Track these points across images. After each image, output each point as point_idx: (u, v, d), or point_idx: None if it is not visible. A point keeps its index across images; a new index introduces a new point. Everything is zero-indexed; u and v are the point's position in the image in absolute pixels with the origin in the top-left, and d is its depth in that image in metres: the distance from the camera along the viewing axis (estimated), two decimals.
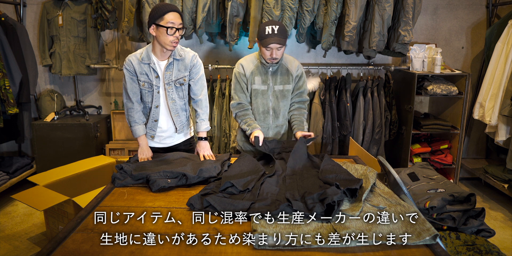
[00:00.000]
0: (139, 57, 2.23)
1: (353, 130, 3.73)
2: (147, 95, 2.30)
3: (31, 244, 2.85)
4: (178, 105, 2.34)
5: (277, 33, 2.26)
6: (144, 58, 2.22)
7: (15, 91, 3.39)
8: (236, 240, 1.36)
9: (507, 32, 3.43)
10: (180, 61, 2.26)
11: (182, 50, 2.28)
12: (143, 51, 2.24)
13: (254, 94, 2.48)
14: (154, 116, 2.33)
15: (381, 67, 3.83)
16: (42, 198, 2.51)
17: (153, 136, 2.39)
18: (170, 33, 2.09)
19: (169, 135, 2.42)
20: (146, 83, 2.26)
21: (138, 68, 2.23)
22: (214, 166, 1.99)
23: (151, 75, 2.24)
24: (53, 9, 3.69)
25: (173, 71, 2.26)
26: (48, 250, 1.28)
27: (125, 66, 2.24)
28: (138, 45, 3.95)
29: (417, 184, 2.42)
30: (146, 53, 2.23)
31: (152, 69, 2.23)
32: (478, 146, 4.30)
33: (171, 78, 2.26)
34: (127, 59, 2.24)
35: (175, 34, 2.10)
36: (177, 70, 2.27)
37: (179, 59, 2.25)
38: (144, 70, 2.23)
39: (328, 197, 1.51)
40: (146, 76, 2.24)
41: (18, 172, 3.68)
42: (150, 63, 2.22)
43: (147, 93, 2.29)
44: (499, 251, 1.98)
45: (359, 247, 1.30)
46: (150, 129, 2.37)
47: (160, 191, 1.82)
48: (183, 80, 2.30)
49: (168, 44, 2.13)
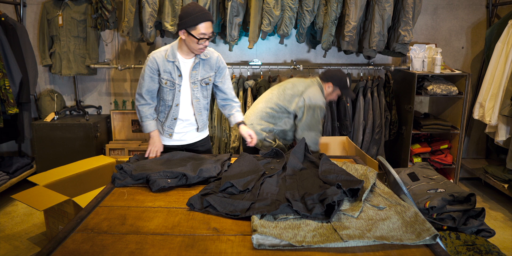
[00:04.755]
0: (164, 55, 2.21)
1: (353, 130, 3.73)
2: (168, 93, 2.28)
3: (31, 244, 2.85)
4: (202, 104, 2.35)
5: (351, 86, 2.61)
6: (169, 55, 2.21)
7: (15, 91, 3.40)
8: (236, 240, 1.36)
9: (507, 32, 3.43)
10: (206, 61, 2.28)
11: (206, 50, 2.28)
12: (169, 49, 2.22)
13: None
14: (174, 114, 2.33)
15: (381, 67, 3.83)
16: (42, 198, 2.51)
17: (171, 134, 2.38)
18: (201, 43, 2.11)
19: (188, 132, 2.42)
20: (168, 82, 2.24)
21: (162, 65, 2.22)
22: (214, 166, 1.99)
23: (174, 74, 2.23)
24: (53, 9, 3.69)
25: (199, 70, 2.27)
26: (48, 250, 1.28)
27: (148, 63, 2.22)
28: (138, 45, 3.96)
29: (417, 184, 2.42)
30: (172, 51, 2.21)
31: (176, 67, 2.22)
32: (478, 146, 4.30)
33: (197, 78, 2.27)
34: (151, 57, 2.22)
35: (205, 43, 2.12)
36: (203, 70, 2.28)
37: (205, 59, 2.26)
38: (168, 68, 2.22)
39: (328, 198, 1.51)
40: (169, 75, 2.23)
41: (18, 172, 3.68)
42: (175, 62, 2.22)
43: (169, 91, 2.27)
44: (499, 251, 1.98)
45: (359, 247, 1.30)
46: (168, 128, 2.36)
47: (160, 191, 1.82)
48: (209, 80, 2.32)
49: (196, 50, 2.16)
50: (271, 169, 1.97)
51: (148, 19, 3.31)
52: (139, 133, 4.08)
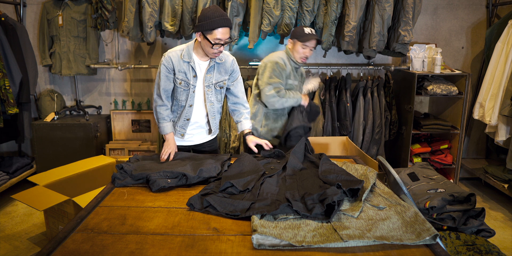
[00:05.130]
0: (180, 55, 2.20)
1: (353, 130, 3.73)
2: (182, 94, 2.26)
3: (31, 244, 2.85)
4: (215, 108, 2.35)
5: (315, 34, 2.60)
6: (185, 55, 2.19)
7: (15, 91, 3.40)
8: (236, 240, 1.36)
9: (507, 32, 3.43)
10: (221, 65, 2.26)
11: (222, 53, 2.26)
12: (184, 49, 2.21)
13: (288, 88, 2.67)
14: (187, 115, 2.31)
15: (381, 67, 3.83)
16: (42, 198, 2.51)
17: (183, 134, 2.37)
18: (215, 47, 2.10)
19: (198, 133, 2.41)
20: (183, 82, 2.23)
21: (177, 65, 2.20)
22: (214, 166, 1.99)
23: (189, 74, 2.22)
24: (53, 9, 3.69)
25: (214, 74, 2.26)
26: (48, 250, 1.28)
27: (164, 62, 2.20)
28: (138, 45, 3.96)
29: (417, 184, 2.42)
30: (187, 51, 2.20)
31: (191, 67, 2.21)
32: (478, 146, 4.30)
33: (211, 81, 2.26)
34: (166, 55, 2.21)
35: (219, 48, 2.11)
36: (218, 73, 2.27)
37: (220, 63, 2.25)
38: (183, 68, 2.21)
39: (328, 198, 1.51)
40: (184, 75, 2.22)
41: (18, 172, 3.68)
42: (190, 62, 2.20)
43: (183, 91, 2.26)
44: (499, 251, 1.98)
45: (359, 247, 1.30)
46: (181, 128, 2.35)
47: (160, 191, 1.82)
48: (223, 84, 2.31)
49: (211, 54, 2.15)
50: (271, 169, 1.97)
51: (148, 19, 3.31)
52: (139, 133, 4.08)
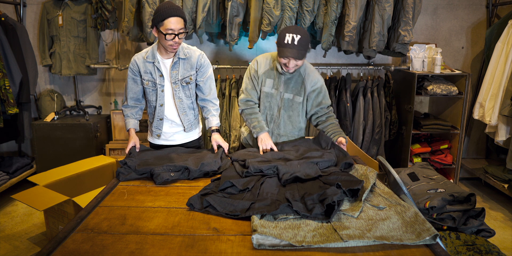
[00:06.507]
0: (144, 56, 2.24)
1: (353, 130, 3.73)
2: (151, 94, 2.30)
3: (31, 244, 2.85)
4: (185, 104, 2.34)
5: (296, 45, 2.05)
6: (149, 56, 2.23)
7: (15, 91, 3.40)
8: (236, 240, 1.36)
9: (507, 32, 3.43)
10: (186, 60, 2.26)
11: (187, 49, 2.27)
12: (149, 50, 2.25)
13: (262, 96, 2.35)
14: (159, 114, 2.34)
15: (381, 67, 3.83)
16: (42, 198, 2.51)
17: (159, 135, 2.40)
18: (168, 38, 2.08)
19: (176, 133, 2.42)
20: (150, 82, 2.26)
21: (142, 67, 2.24)
22: (215, 160, 2.05)
23: (155, 74, 2.25)
24: (53, 9, 3.69)
25: (179, 70, 2.26)
26: (48, 250, 1.28)
27: (130, 66, 2.27)
28: (138, 45, 3.96)
29: (417, 184, 2.42)
30: (152, 52, 2.23)
31: (156, 68, 2.24)
32: (478, 146, 4.30)
33: (177, 77, 2.27)
34: (132, 59, 2.27)
35: (174, 39, 2.09)
36: (183, 69, 2.27)
37: (184, 58, 2.25)
38: (148, 69, 2.24)
39: (328, 198, 1.51)
40: (150, 75, 2.25)
41: (18, 172, 3.68)
42: (154, 62, 2.23)
43: (151, 92, 2.29)
44: (499, 251, 1.98)
45: (359, 247, 1.30)
46: (156, 128, 2.38)
47: (160, 191, 1.82)
48: (190, 79, 2.30)
49: (168, 47, 2.14)
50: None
51: (148, 19, 3.31)
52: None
